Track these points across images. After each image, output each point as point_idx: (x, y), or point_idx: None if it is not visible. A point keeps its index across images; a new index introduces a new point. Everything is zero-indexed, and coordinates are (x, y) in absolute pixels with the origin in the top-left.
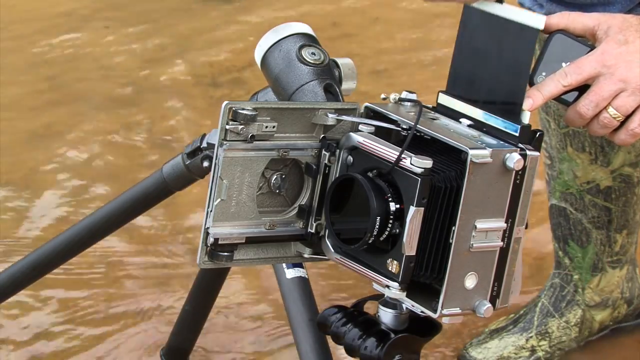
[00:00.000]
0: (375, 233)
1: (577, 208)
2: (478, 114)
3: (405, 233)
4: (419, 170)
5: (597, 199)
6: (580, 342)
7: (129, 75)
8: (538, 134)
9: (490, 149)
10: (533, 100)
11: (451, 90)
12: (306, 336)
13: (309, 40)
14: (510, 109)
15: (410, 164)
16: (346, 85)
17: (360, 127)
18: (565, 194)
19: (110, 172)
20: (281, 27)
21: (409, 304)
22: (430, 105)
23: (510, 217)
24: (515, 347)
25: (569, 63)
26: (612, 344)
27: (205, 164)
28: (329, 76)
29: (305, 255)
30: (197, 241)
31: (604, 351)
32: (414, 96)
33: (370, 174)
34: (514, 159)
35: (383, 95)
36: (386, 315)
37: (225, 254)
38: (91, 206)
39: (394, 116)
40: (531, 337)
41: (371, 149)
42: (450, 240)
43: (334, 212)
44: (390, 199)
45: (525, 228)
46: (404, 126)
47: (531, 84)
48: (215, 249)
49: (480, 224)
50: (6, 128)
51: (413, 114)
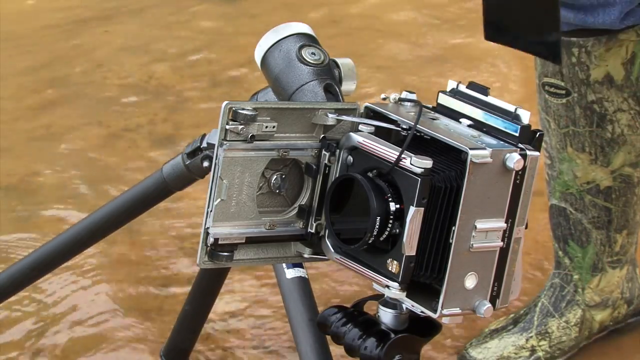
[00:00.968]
0: (375, 233)
1: (577, 208)
2: (478, 114)
3: (405, 233)
4: (419, 170)
5: (597, 199)
6: (580, 342)
7: (129, 75)
8: (538, 134)
9: (490, 149)
10: None
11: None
12: (306, 336)
13: (309, 40)
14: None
15: (410, 164)
16: (346, 85)
17: (360, 127)
18: (565, 194)
19: (111, 173)
20: (281, 27)
21: (409, 304)
22: (430, 105)
23: (510, 217)
24: (515, 347)
25: None
26: (612, 344)
27: (205, 164)
28: (329, 76)
29: (305, 255)
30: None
31: (604, 351)
32: (414, 96)
33: (370, 174)
34: (514, 159)
35: (383, 95)
36: (386, 315)
37: (225, 254)
38: (91, 207)
39: (394, 116)
40: (531, 337)
41: (371, 149)
42: (450, 240)
43: (334, 212)
44: (390, 199)
45: (525, 228)
46: (404, 126)
47: None
48: (215, 249)
49: (480, 224)
50: (5, 129)
51: (413, 114)
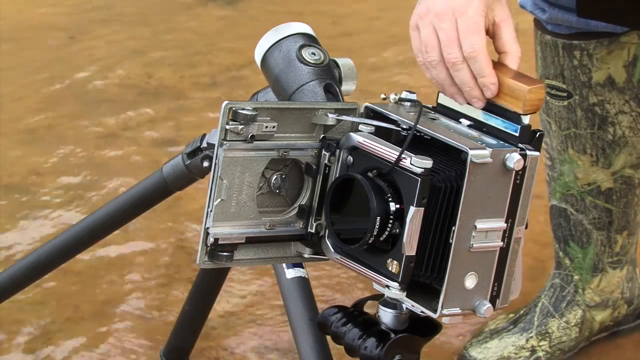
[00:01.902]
0: (375, 233)
1: (578, 209)
2: (478, 114)
3: (405, 233)
4: (419, 170)
5: (598, 201)
6: (580, 343)
7: (130, 75)
8: (538, 134)
9: (490, 149)
10: None
11: None
12: (306, 336)
13: (309, 40)
14: None
15: (410, 164)
16: (346, 85)
17: (360, 127)
18: (566, 195)
19: (111, 173)
20: (281, 27)
21: (409, 304)
22: (430, 105)
23: (510, 217)
24: (516, 347)
25: None
26: (612, 345)
27: (205, 164)
28: (329, 76)
29: (305, 255)
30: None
31: (604, 351)
32: (414, 96)
33: (370, 174)
34: (514, 159)
35: (383, 95)
36: (386, 315)
37: (225, 254)
38: (92, 207)
39: (394, 116)
40: (531, 337)
41: (371, 149)
42: (450, 240)
43: (334, 212)
44: (390, 199)
45: (525, 228)
46: (404, 126)
47: None
48: (215, 249)
49: (480, 224)
50: (6, 129)
51: (413, 114)
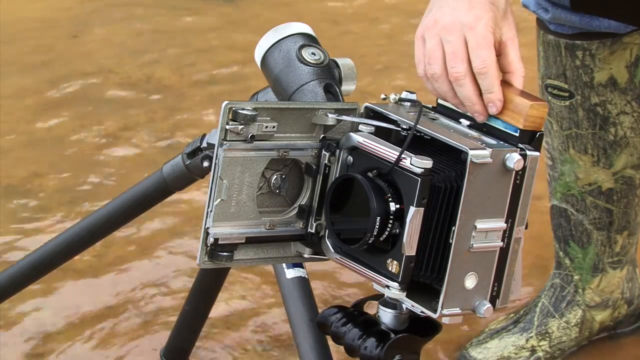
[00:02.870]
0: (375, 233)
1: (578, 209)
2: None
3: (405, 233)
4: (419, 171)
5: (599, 201)
6: (580, 343)
7: (129, 75)
8: (538, 134)
9: (490, 149)
10: None
11: None
12: (306, 336)
13: (309, 40)
14: None
15: (410, 164)
16: (346, 85)
17: (360, 127)
18: (566, 195)
19: (111, 173)
20: (281, 27)
21: (409, 304)
22: (430, 105)
23: (510, 217)
24: (516, 347)
25: None
26: (612, 344)
27: (205, 164)
28: (329, 76)
29: (305, 255)
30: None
31: (604, 351)
32: (413, 96)
33: (370, 174)
34: (514, 159)
35: (383, 95)
36: (386, 315)
37: (225, 254)
38: (91, 207)
39: (394, 116)
40: (531, 337)
41: (371, 149)
42: (450, 241)
43: (334, 212)
44: (390, 199)
45: (526, 228)
46: (404, 126)
47: None
48: (215, 249)
49: (480, 224)
50: (6, 130)
51: (413, 114)
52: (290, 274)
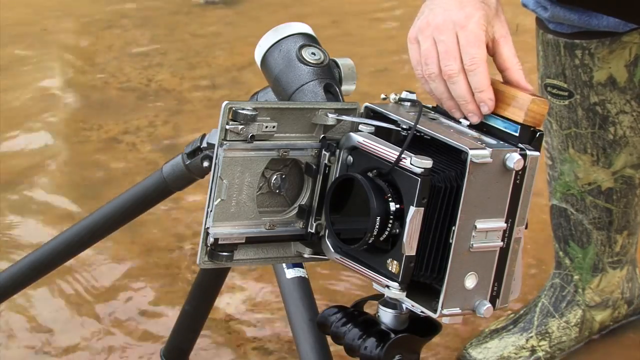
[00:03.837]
0: (375, 233)
1: (578, 209)
2: None
3: (405, 233)
4: (418, 170)
5: (598, 200)
6: (580, 343)
7: (130, 78)
8: (538, 134)
9: (490, 149)
10: None
11: None
12: (306, 336)
13: (309, 40)
14: None
15: (410, 164)
16: (346, 85)
17: (360, 127)
18: (566, 194)
19: (111, 175)
20: (281, 27)
21: (409, 304)
22: (430, 105)
23: (510, 217)
24: (516, 347)
25: None
26: (612, 344)
27: (205, 164)
28: (329, 76)
29: (305, 255)
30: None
31: (604, 351)
32: (413, 96)
33: (370, 174)
34: (514, 159)
35: (383, 95)
36: (386, 315)
37: (225, 254)
38: (91, 209)
39: (394, 116)
40: (531, 337)
41: (371, 149)
42: (450, 240)
43: (334, 212)
44: (390, 199)
45: (525, 228)
46: (404, 126)
47: None
48: (215, 249)
49: (480, 224)
50: (6, 131)
51: (413, 114)
52: (290, 274)
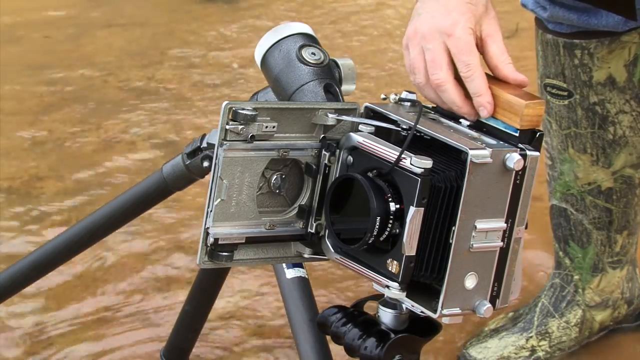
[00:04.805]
0: (375, 233)
1: (578, 209)
2: None
3: (405, 233)
4: (418, 171)
5: (598, 200)
6: (580, 342)
7: (129, 77)
8: (538, 134)
9: (490, 149)
10: None
11: None
12: (306, 336)
13: (309, 40)
14: None
15: (410, 164)
16: (346, 85)
17: (360, 127)
18: (566, 194)
19: (111, 174)
20: (281, 27)
21: (408, 304)
22: (430, 105)
23: (510, 217)
24: (515, 347)
25: None
26: (612, 344)
27: (205, 164)
28: (329, 76)
29: (305, 255)
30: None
31: (604, 351)
32: (413, 96)
33: (370, 174)
34: (514, 159)
35: (383, 95)
36: (386, 315)
37: (225, 254)
38: (91, 209)
39: (394, 116)
40: (531, 337)
41: (371, 149)
42: (450, 241)
43: (334, 212)
44: (390, 199)
45: (525, 228)
46: (404, 126)
47: None
48: (215, 249)
49: (480, 224)
50: (6, 131)
51: (413, 114)
52: (290, 274)
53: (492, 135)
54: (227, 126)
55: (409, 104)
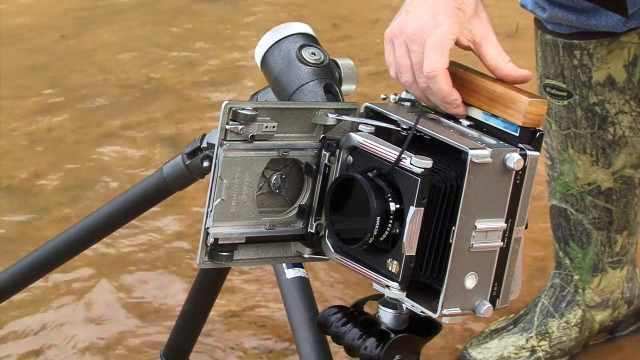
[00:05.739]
0: (375, 233)
1: (578, 209)
2: (478, 114)
3: (405, 233)
4: (419, 170)
5: (598, 201)
6: (580, 343)
7: (129, 76)
8: (538, 134)
9: (490, 149)
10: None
11: None
12: (306, 336)
13: (309, 40)
14: None
15: (410, 164)
16: (346, 85)
17: (360, 127)
18: (566, 195)
19: (111, 173)
20: (281, 27)
21: (409, 304)
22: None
23: (510, 217)
24: (516, 347)
25: None
26: (612, 344)
27: (205, 164)
28: (329, 76)
29: (305, 255)
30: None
31: (604, 351)
32: (413, 96)
33: (370, 174)
34: (514, 159)
35: (383, 96)
36: (386, 315)
37: (225, 254)
38: (91, 208)
39: (394, 116)
40: (531, 337)
41: (371, 149)
42: (450, 240)
43: (334, 212)
44: (390, 199)
45: (525, 228)
46: (404, 126)
47: None
48: (215, 249)
49: (480, 224)
50: (6, 131)
51: (413, 114)
52: (290, 274)
53: (492, 135)
54: (227, 126)
55: (409, 104)
